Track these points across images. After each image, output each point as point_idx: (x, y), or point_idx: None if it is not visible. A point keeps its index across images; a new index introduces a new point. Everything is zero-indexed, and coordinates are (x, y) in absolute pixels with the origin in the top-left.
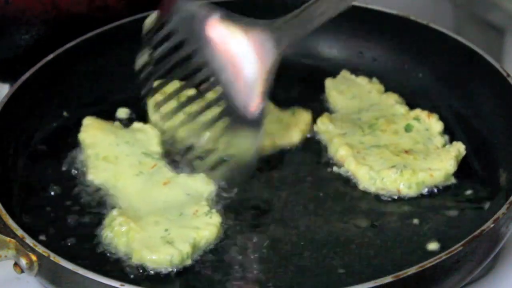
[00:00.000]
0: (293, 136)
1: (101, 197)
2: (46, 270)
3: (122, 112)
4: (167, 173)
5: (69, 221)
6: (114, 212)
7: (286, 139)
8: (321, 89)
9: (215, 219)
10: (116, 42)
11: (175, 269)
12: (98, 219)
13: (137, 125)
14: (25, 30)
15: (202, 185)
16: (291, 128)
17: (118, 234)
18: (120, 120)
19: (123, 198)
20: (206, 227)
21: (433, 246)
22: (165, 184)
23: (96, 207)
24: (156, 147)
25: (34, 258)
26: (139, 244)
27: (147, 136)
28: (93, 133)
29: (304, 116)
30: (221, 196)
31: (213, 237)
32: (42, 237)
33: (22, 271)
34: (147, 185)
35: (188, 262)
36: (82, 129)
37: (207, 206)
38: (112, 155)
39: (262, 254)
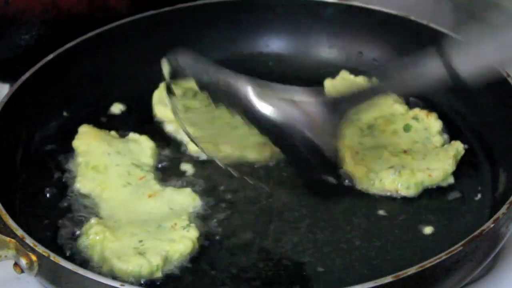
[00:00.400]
0: (263, 152)
1: (85, 206)
2: (46, 270)
3: (116, 108)
4: (154, 186)
5: (52, 227)
6: (92, 221)
7: (256, 154)
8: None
9: (192, 233)
10: (116, 42)
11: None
12: (78, 227)
13: (133, 135)
14: (25, 30)
15: (187, 200)
16: (264, 145)
17: (93, 243)
18: (113, 116)
19: (106, 208)
20: (181, 241)
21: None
22: (150, 197)
23: (79, 215)
24: (147, 159)
25: (34, 258)
26: (111, 253)
27: (140, 147)
28: (87, 141)
29: None
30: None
31: (188, 251)
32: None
33: (22, 271)
34: (132, 196)
35: (158, 274)
36: (77, 136)
37: (186, 220)
38: (102, 164)
39: (263, 253)
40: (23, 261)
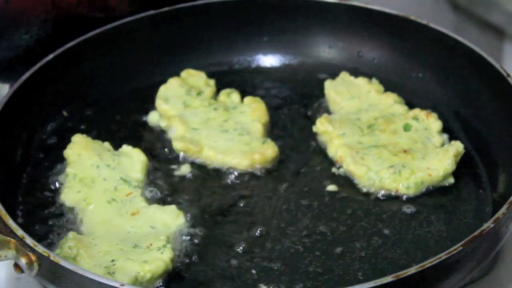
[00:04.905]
0: (243, 161)
1: (68, 219)
2: (46, 270)
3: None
4: (139, 203)
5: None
6: (69, 235)
7: (234, 161)
8: (321, 90)
9: (166, 254)
10: (116, 42)
11: None
12: (57, 239)
13: (126, 148)
14: (25, 30)
15: (170, 217)
16: (245, 154)
17: (67, 257)
18: (112, 116)
19: (87, 224)
20: (153, 262)
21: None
22: (133, 215)
23: (60, 227)
24: (137, 173)
25: (34, 258)
26: None
27: (131, 161)
28: (78, 151)
29: (268, 149)
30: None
31: (160, 272)
32: None
33: (22, 271)
34: (115, 213)
35: None
36: (69, 146)
37: (163, 241)
38: (90, 177)
39: (264, 253)
40: (23, 261)
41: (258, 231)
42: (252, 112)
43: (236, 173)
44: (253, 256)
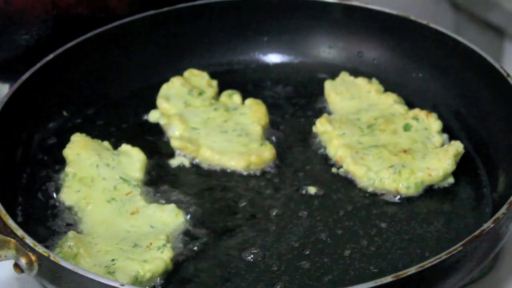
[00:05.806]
0: (240, 162)
1: (68, 218)
2: (46, 270)
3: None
4: (139, 202)
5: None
6: (69, 234)
7: (231, 162)
8: (321, 90)
9: (166, 254)
10: (116, 42)
11: None
12: (56, 238)
13: (125, 147)
14: (25, 30)
15: (170, 217)
16: (243, 155)
17: (66, 256)
18: (112, 116)
19: (87, 223)
20: (153, 261)
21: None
22: (132, 214)
23: (59, 227)
24: (136, 173)
25: (34, 258)
26: None
27: (131, 160)
28: (77, 151)
29: (265, 151)
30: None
31: (160, 272)
32: None
33: (22, 271)
34: (115, 213)
35: None
36: (68, 145)
37: (163, 240)
38: (89, 176)
39: (263, 252)
40: (23, 261)
41: (257, 232)
42: (253, 114)
43: (234, 174)
44: (252, 255)
